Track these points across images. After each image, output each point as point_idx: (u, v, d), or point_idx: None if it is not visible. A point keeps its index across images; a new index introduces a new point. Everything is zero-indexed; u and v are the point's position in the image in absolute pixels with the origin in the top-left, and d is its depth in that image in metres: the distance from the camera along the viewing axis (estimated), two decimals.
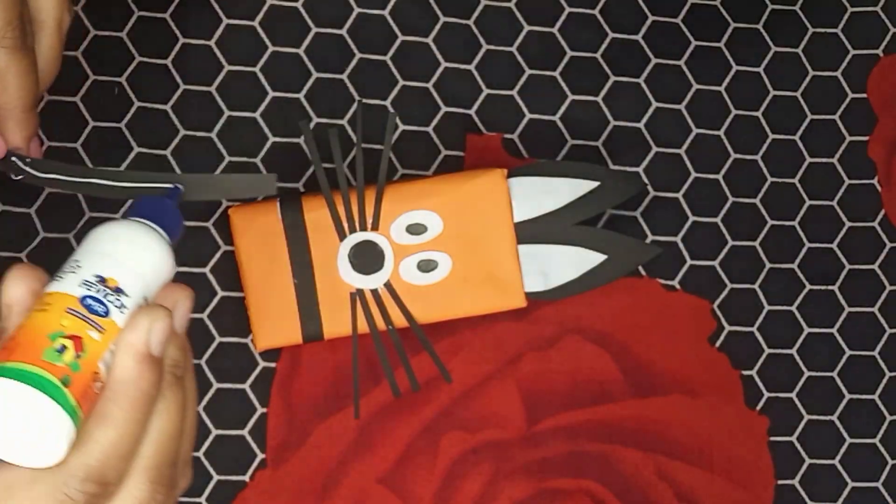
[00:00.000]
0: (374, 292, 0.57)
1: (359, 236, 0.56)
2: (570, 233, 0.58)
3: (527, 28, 0.63)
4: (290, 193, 0.59)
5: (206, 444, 0.60)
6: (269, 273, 0.56)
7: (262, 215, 0.57)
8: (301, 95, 0.61)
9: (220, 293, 0.60)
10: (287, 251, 0.56)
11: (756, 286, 0.64)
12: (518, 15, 0.63)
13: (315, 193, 0.58)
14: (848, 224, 0.65)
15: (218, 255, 0.60)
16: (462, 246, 0.57)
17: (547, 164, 0.58)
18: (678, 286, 0.63)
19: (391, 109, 0.62)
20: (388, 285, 0.57)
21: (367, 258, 0.57)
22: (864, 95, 0.66)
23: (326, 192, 0.56)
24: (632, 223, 0.63)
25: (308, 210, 0.57)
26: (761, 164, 0.64)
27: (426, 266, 0.57)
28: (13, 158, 0.48)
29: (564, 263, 0.58)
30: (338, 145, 0.56)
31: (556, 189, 0.58)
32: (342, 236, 0.56)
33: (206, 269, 0.60)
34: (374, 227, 0.56)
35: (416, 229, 0.57)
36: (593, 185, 0.58)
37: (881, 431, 0.64)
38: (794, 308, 0.64)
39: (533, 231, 0.58)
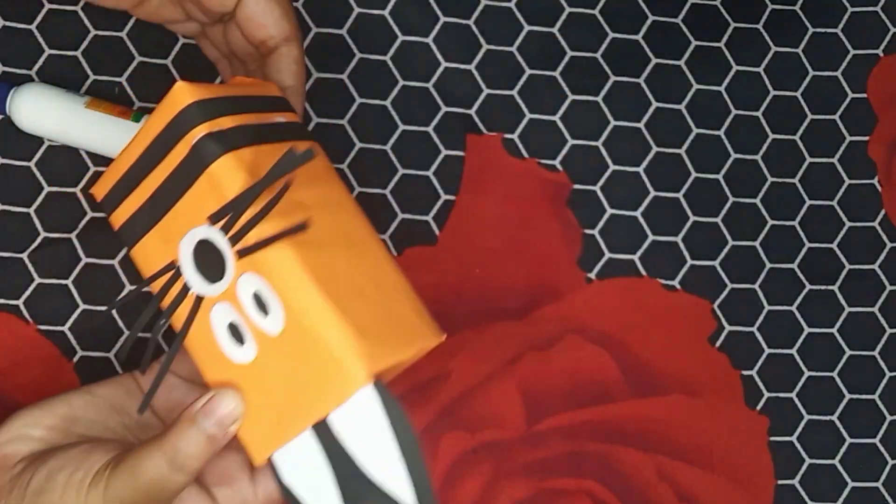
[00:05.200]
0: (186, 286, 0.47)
1: (219, 239, 0.45)
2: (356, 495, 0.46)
3: (527, 28, 0.63)
4: (232, 134, 0.46)
5: None
6: (150, 157, 0.47)
7: (190, 119, 0.46)
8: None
9: None
10: (175, 164, 0.46)
11: (756, 286, 0.64)
12: (518, 15, 0.63)
13: (240, 161, 0.45)
14: (848, 224, 0.65)
15: None
16: (269, 374, 0.45)
17: (403, 430, 0.44)
18: (678, 286, 0.63)
19: (391, 110, 0.62)
20: (198, 299, 0.46)
21: (208, 260, 0.45)
22: (864, 95, 0.66)
23: (252, 194, 0.44)
24: (632, 222, 0.63)
25: (219, 165, 0.45)
26: (761, 164, 0.64)
27: (235, 334, 0.46)
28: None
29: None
30: (285, 168, 0.43)
31: (384, 453, 0.45)
32: (214, 220, 0.45)
33: None
34: (239, 255, 0.44)
35: (259, 303, 0.45)
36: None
37: (881, 431, 0.64)
38: (794, 308, 0.64)
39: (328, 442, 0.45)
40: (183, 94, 0.46)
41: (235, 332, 0.45)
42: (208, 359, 0.46)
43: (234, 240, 0.44)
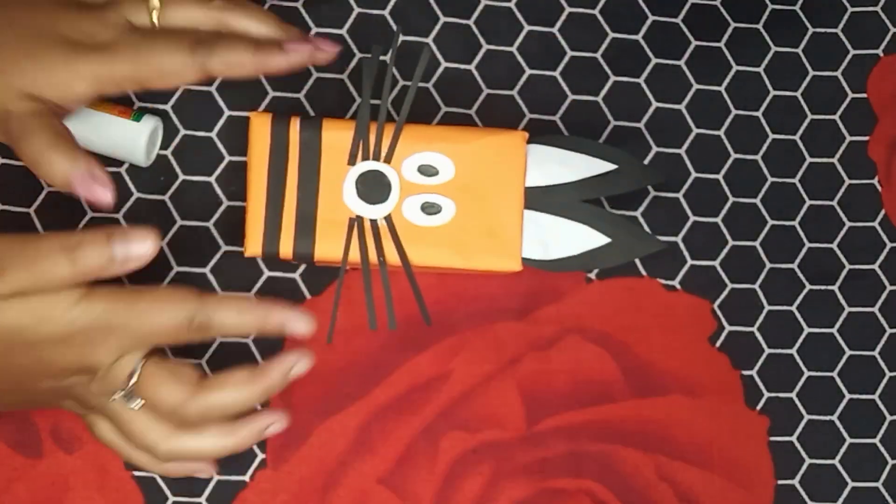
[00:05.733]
0: (374, 224, 0.56)
1: (369, 164, 0.56)
2: (578, 209, 0.58)
3: (527, 28, 0.63)
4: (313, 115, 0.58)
5: None
6: (275, 183, 0.56)
7: (281, 126, 0.56)
8: (301, 95, 0.61)
9: (220, 293, 0.60)
10: (297, 165, 0.56)
11: (756, 286, 0.64)
12: (518, 15, 0.63)
13: (336, 119, 0.57)
14: (848, 224, 0.65)
15: (218, 255, 0.60)
16: (469, 197, 0.57)
17: (569, 138, 0.58)
18: (678, 286, 0.63)
19: (391, 110, 0.62)
20: (388, 219, 0.56)
21: (373, 188, 0.56)
22: (864, 95, 0.66)
23: (364, 119, 0.55)
24: (632, 223, 0.63)
25: (327, 129, 0.56)
26: (761, 164, 0.64)
27: (430, 209, 0.56)
28: None
29: (567, 238, 0.58)
30: (371, 72, 0.54)
31: (572, 163, 0.58)
32: (353, 162, 0.56)
33: (207, 269, 0.60)
34: (387, 160, 0.56)
35: (427, 170, 0.56)
36: (610, 167, 0.58)
37: (881, 431, 0.64)
38: (794, 308, 0.64)
39: (541, 199, 0.58)
40: (260, 116, 0.56)
41: (429, 208, 0.56)
42: (411, 246, 0.57)
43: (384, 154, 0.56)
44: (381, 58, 0.61)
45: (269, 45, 0.52)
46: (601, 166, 0.58)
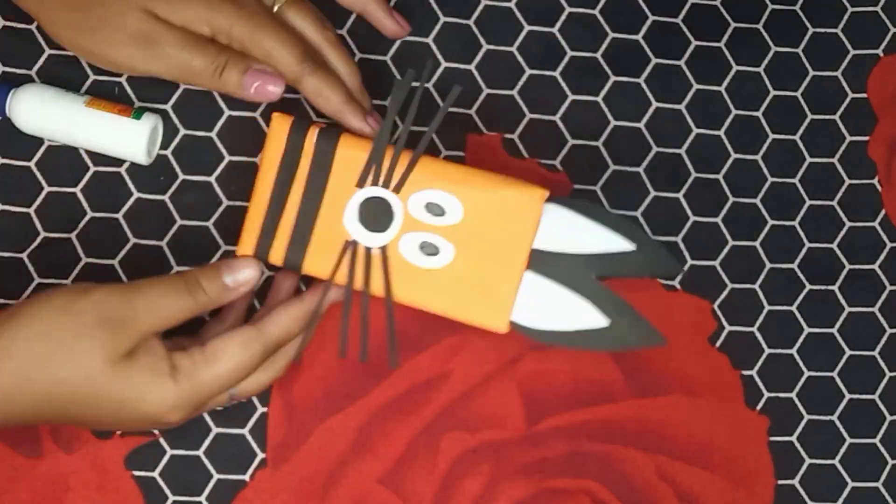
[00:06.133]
0: (367, 251, 0.55)
1: (377, 191, 0.55)
2: (585, 284, 0.55)
3: (527, 28, 0.63)
4: (333, 126, 0.59)
5: (206, 442, 0.59)
6: (280, 188, 0.55)
7: (299, 132, 0.55)
8: (301, 95, 0.61)
9: None
10: (306, 176, 0.55)
11: (756, 286, 0.64)
12: (518, 15, 0.63)
13: (354, 136, 0.55)
14: (848, 224, 0.65)
15: (218, 255, 0.60)
16: (471, 245, 0.55)
17: (591, 206, 0.55)
18: (678, 286, 0.63)
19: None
20: (383, 250, 0.55)
21: (375, 216, 0.55)
22: (864, 95, 0.66)
23: (382, 143, 0.54)
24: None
25: (342, 146, 0.55)
26: (761, 164, 0.64)
27: (428, 249, 0.55)
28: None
29: (564, 311, 0.55)
30: (401, 95, 0.54)
31: (589, 233, 0.55)
32: (361, 184, 0.55)
33: None
34: (396, 190, 0.55)
35: (434, 209, 0.55)
36: (630, 246, 0.55)
37: (881, 431, 0.64)
38: (794, 308, 0.64)
39: (547, 264, 0.55)
40: (282, 118, 0.55)
41: (427, 248, 0.54)
42: (400, 283, 0.55)
43: (392, 183, 0.55)
44: (414, 84, 0.60)
45: (356, 102, 0.56)
46: (619, 244, 0.55)
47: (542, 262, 0.55)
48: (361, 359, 0.55)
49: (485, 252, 0.55)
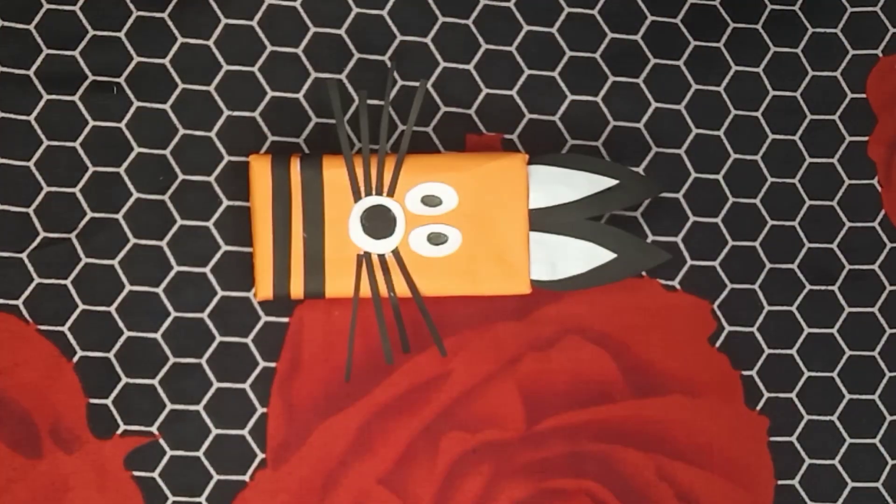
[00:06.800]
0: (381, 258, 0.57)
1: (373, 200, 0.57)
2: (582, 227, 0.59)
3: (526, 28, 0.63)
4: (312, 151, 0.60)
5: (206, 443, 0.59)
6: (280, 225, 0.57)
7: (281, 167, 0.57)
8: (300, 95, 0.61)
9: (220, 293, 0.60)
10: (301, 206, 0.56)
11: (756, 286, 0.64)
12: (518, 15, 0.63)
13: (336, 154, 0.58)
14: (848, 224, 0.65)
15: (219, 254, 0.60)
16: (474, 224, 0.58)
17: (569, 156, 0.59)
18: (678, 286, 0.63)
19: (391, 110, 0.62)
20: (395, 252, 0.57)
21: (378, 223, 0.57)
22: (864, 95, 0.66)
23: (347, 151, 0.56)
24: (632, 222, 0.63)
25: (327, 168, 0.57)
26: (761, 164, 0.64)
27: (436, 239, 0.57)
28: None
29: (573, 256, 0.59)
30: (338, 99, 0.56)
31: (574, 182, 0.59)
32: (357, 198, 0.57)
33: (207, 269, 0.60)
34: (390, 194, 0.57)
35: (431, 201, 0.57)
36: (612, 182, 0.59)
37: (881, 431, 0.64)
38: (794, 308, 0.64)
39: (546, 220, 0.58)
40: (260, 159, 0.57)
41: (435, 239, 0.57)
42: (420, 277, 0.57)
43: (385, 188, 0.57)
44: (372, 102, 0.61)
45: None
46: (603, 183, 0.59)
47: (539, 219, 0.58)
48: (405, 350, 0.58)
49: (488, 226, 0.57)
